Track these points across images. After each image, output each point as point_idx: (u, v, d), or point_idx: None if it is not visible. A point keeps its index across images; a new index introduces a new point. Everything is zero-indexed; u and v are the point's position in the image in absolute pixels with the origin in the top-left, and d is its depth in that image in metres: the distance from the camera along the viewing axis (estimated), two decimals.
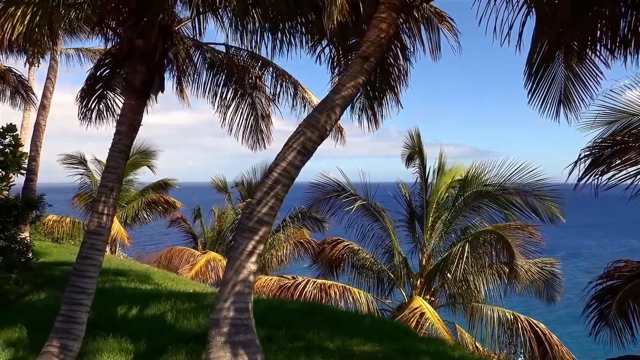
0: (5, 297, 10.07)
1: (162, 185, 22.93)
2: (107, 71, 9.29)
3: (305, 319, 8.04)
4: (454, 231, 14.32)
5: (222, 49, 9.48)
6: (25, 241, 11.61)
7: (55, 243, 21.12)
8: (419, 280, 14.03)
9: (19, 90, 15.95)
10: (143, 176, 23.18)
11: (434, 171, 14.84)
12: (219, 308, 5.03)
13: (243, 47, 9.12)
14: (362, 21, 5.49)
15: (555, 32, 6.55)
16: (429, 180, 14.64)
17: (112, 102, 9.74)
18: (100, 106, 9.69)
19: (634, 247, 65.63)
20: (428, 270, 13.88)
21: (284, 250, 20.02)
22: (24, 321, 8.13)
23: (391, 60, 6.86)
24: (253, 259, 5.18)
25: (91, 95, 9.44)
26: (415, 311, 11.68)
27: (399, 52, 6.75)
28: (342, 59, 7.13)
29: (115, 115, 9.62)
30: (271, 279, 14.80)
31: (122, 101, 9.67)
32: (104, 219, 7.12)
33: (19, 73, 16.13)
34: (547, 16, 6.75)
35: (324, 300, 13.12)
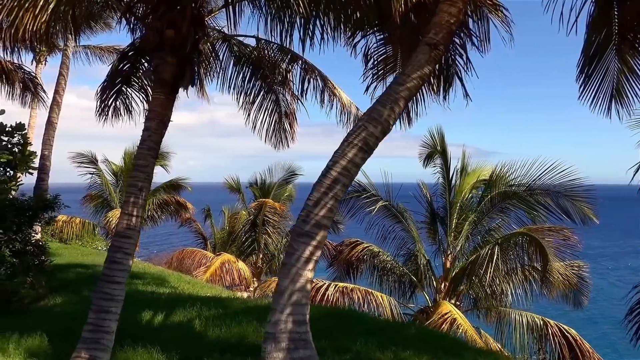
0: (21, 301, 9.64)
1: (173, 186, 22.38)
2: (128, 65, 8.86)
3: (347, 328, 7.55)
4: (479, 233, 13.86)
5: (251, 42, 9.03)
6: (40, 243, 11.17)
7: (64, 244, 20.63)
8: (443, 284, 13.56)
9: (29, 87, 15.42)
10: (154, 176, 22.60)
11: (457, 171, 14.38)
12: (275, 320, 4.58)
13: (273, 40, 8.67)
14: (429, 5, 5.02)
15: (622, 21, 6.13)
16: (453, 181, 14.18)
17: (130, 99, 9.32)
18: (117, 103, 9.28)
19: (637, 247, 65.39)
20: (453, 273, 13.41)
21: None
22: (44, 328, 7.66)
23: (458, 48, 6.38)
24: (310, 266, 4.74)
25: (111, 89, 9.03)
26: (446, 317, 11.18)
27: (467, 38, 6.24)
28: (400, 50, 6.63)
29: (133, 113, 9.26)
30: None
31: (142, 98, 9.39)
32: (134, 221, 6.74)
33: (29, 69, 15.62)
34: (609, 5, 6.38)
35: (347, 304, 12.65)
